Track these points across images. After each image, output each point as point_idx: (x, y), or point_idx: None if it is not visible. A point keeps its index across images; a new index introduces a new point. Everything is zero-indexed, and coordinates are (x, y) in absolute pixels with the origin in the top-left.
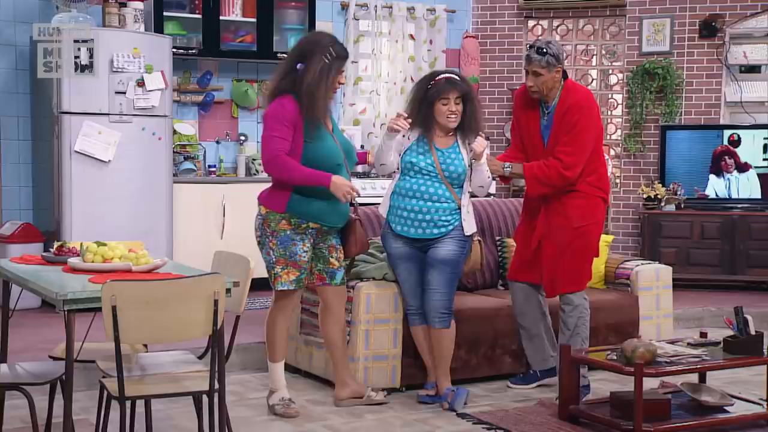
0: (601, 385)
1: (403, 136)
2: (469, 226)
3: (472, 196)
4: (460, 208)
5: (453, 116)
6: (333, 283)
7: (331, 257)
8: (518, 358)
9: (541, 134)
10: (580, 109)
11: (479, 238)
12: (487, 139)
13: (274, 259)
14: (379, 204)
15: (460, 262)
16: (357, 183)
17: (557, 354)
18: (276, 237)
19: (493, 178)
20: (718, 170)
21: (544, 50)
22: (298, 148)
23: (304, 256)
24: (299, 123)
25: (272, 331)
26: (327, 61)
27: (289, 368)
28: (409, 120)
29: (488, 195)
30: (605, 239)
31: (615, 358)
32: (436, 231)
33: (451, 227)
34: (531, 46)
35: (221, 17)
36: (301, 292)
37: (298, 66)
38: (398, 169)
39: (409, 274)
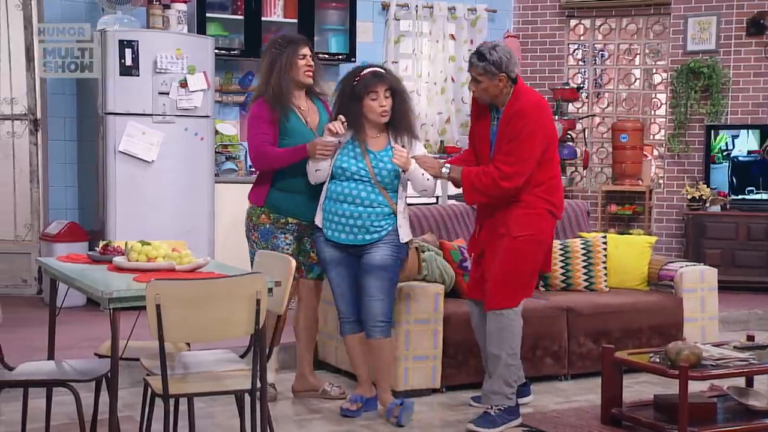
0: (644, 387)
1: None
2: (405, 233)
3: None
4: (394, 213)
5: (384, 111)
6: (309, 276)
7: (312, 251)
8: (559, 359)
9: (490, 140)
10: (525, 116)
11: (416, 245)
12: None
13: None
14: (415, 204)
15: (397, 267)
16: None
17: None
18: (257, 230)
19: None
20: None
21: (486, 56)
22: (276, 145)
23: (287, 249)
24: (275, 120)
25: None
26: (276, 51)
27: (328, 367)
28: (344, 123)
29: None
30: (648, 240)
31: (658, 360)
32: (368, 237)
33: (384, 233)
34: (475, 50)
35: (263, 18)
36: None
37: None
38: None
39: (341, 279)
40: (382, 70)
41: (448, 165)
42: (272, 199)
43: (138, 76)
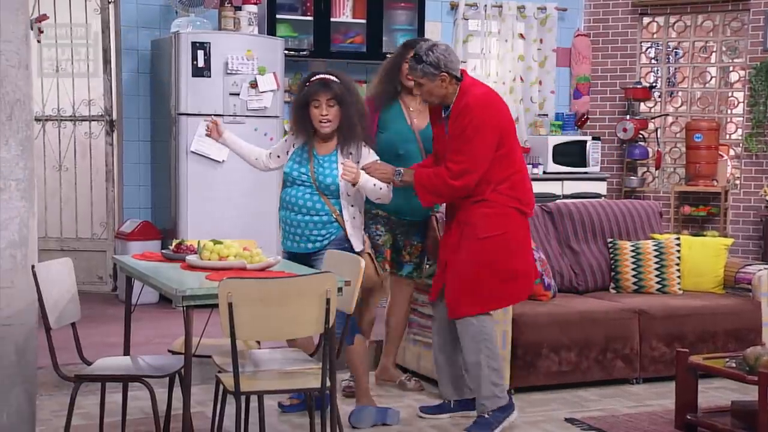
0: (719, 393)
1: (285, 141)
2: (357, 243)
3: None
4: (337, 220)
5: (325, 119)
6: (399, 274)
7: (404, 250)
8: (631, 362)
9: (447, 140)
10: (470, 112)
11: (369, 251)
12: (599, 139)
13: None
14: None
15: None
16: None
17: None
18: None
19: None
20: None
21: (422, 58)
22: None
23: (378, 239)
24: (375, 117)
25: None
26: (393, 53)
27: (398, 368)
28: (216, 121)
29: (597, 196)
30: (724, 242)
31: (735, 365)
32: (310, 246)
33: (326, 242)
34: (413, 53)
35: (332, 19)
36: (384, 277)
37: None
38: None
39: None
40: (331, 78)
41: (400, 169)
42: None
43: (209, 77)
